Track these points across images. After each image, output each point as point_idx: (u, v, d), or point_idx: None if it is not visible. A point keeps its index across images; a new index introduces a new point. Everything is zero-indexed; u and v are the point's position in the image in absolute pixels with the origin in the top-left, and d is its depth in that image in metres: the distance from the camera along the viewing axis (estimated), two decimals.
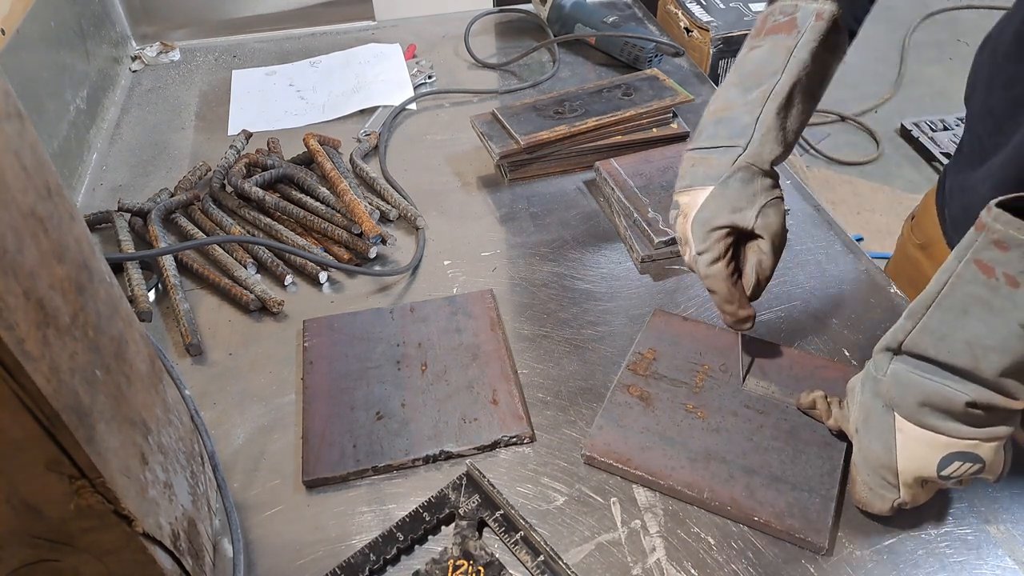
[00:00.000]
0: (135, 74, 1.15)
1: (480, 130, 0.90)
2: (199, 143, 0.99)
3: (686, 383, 0.63)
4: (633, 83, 0.95)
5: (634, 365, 0.65)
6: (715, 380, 0.63)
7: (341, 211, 0.81)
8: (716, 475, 0.57)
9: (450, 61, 1.16)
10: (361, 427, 0.61)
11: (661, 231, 0.77)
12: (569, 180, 0.90)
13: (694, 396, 0.62)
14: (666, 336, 0.67)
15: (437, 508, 0.56)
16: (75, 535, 0.39)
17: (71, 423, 0.34)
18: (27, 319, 0.31)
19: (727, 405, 0.61)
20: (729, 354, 0.65)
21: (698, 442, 0.59)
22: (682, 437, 0.59)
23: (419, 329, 0.69)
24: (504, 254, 0.80)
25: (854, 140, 2.34)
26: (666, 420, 0.61)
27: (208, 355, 0.70)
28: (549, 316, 0.72)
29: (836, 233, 0.80)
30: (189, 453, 0.52)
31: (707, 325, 0.68)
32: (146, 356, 0.46)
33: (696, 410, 0.61)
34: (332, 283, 0.77)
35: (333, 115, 1.04)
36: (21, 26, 0.86)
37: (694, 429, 0.60)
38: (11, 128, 0.34)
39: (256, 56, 1.19)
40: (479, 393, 0.64)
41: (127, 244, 0.79)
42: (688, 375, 0.64)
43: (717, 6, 1.23)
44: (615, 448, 0.59)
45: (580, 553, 0.54)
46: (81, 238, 0.39)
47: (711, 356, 0.65)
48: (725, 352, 0.65)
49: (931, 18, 2.94)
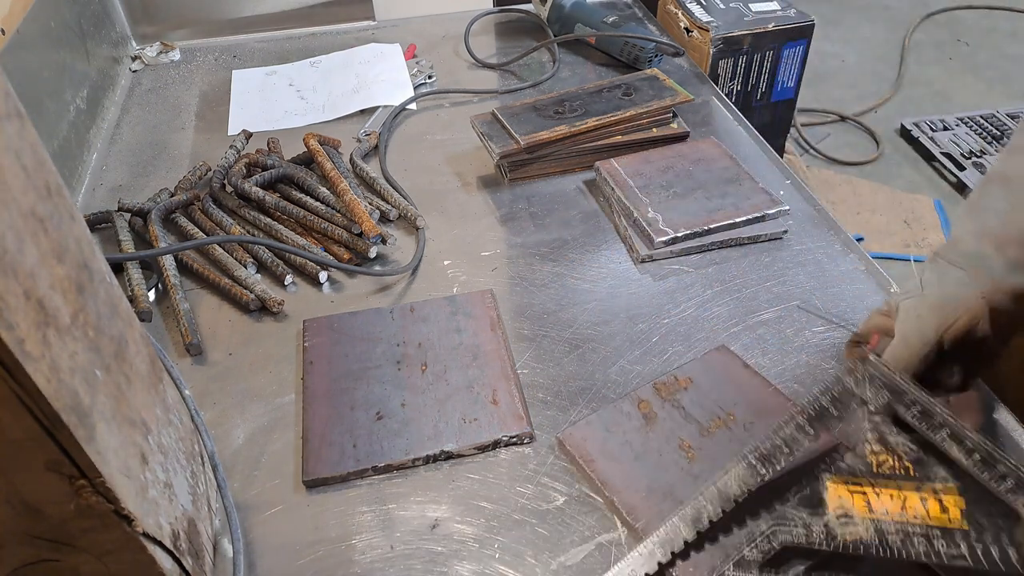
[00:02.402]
0: (135, 74, 1.15)
1: (480, 130, 0.90)
2: (199, 143, 0.99)
3: (699, 422, 0.60)
4: (633, 83, 0.95)
5: (660, 386, 0.63)
6: (730, 434, 0.59)
7: (341, 211, 0.81)
8: (662, 513, 0.53)
9: (450, 61, 1.16)
10: (361, 427, 0.61)
11: (661, 231, 0.77)
12: (569, 180, 0.90)
13: (698, 437, 0.59)
14: (714, 373, 0.63)
15: (841, 402, 0.51)
16: (75, 535, 0.39)
17: (71, 423, 0.34)
18: (27, 319, 0.31)
19: (723, 461, 0.54)
20: (765, 417, 0.59)
21: (668, 478, 0.56)
22: (656, 466, 0.57)
23: (419, 329, 0.69)
24: (504, 254, 0.80)
25: (854, 140, 2.34)
26: (653, 445, 0.58)
27: (208, 355, 0.70)
28: (549, 316, 0.72)
29: (836, 233, 0.80)
30: (189, 453, 0.52)
31: (764, 380, 0.63)
32: (146, 356, 0.46)
33: (689, 451, 0.58)
34: (332, 283, 0.77)
35: (333, 115, 1.04)
36: (21, 26, 0.86)
37: (674, 466, 0.57)
38: (11, 128, 0.34)
39: (256, 56, 1.19)
40: (479, 393, 0.64)
41: (127, 244, 0.79)
42: (707, 417, 0.60)
43: (717, 6, 1.23)
44: (586, 446, 0.59)
45: (580, 553, 0.54)
46: (81, 238, 0.39)
47: (744, 410, 0.61)
48: (762, 414, 0.60)
49: (931, 18, 2.94)
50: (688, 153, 0.87)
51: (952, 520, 0.46)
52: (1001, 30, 2.87)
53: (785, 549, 0.47)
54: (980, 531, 0.45)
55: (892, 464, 0.49)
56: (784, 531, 0.48)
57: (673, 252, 0.77)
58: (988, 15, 2.98)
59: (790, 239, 0.79)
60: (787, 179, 0.87)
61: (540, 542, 0.54)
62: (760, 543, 0.48)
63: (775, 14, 1.23)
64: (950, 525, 0.46)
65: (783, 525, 0.48)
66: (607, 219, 0.83)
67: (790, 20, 1.22)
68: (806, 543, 0.47)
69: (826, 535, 0.47)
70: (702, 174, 0.84)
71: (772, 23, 1.20)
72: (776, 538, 0.48)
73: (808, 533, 0.47)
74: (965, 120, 2.30)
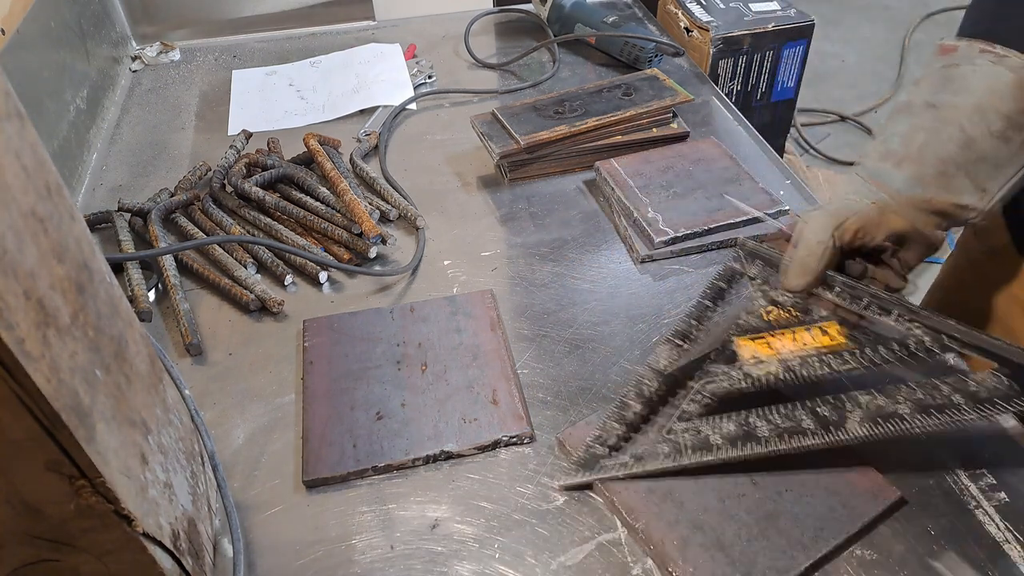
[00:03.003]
0: (135, 74, 1.15)
1: (480, 130, 0.90)
2: (199, 143, 0.99)
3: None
4: (633, 83, 0.95)
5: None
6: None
7: (341, 211, 0.81)
8: (662, 514, 0.53)
9: (450, 61, 1.16)
10: (361, 427, 0.61)
11: (661, 231, 0.77)
12: (569, 180, 0.90)
13: None
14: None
15: (728, 279, 0.64)
16: (75, 535, 0.39)
17: (71, 423, 0.34)
18: (27, 319, 0.31)
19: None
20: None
21: (669, 478, 0.55)
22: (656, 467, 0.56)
23: (419, 329, 0.69)
24: (504, 254, 0.80)
25: (854, 140, 2.34)
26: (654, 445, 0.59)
27: (208, 355, 0.70)
28: (549, 316, 0.72)
29: None
30: (189, 453, 0.52)
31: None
32: (146, 356, 0.46)
33: None
34: (332, 283, 0.77)
35: (333, 115, 1.04)
36: (21, 26, 0.86)
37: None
38: (11, 128, 0.34)
39: (256, 56, 1.19)
40: (479, 393, 0.64)
41: (127, 244, 0.79)
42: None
43: (717, 6, 1.23)
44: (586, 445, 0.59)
45: (580, 553, 0.54)
46: (81, 238, 0.39)
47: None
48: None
49: (931, 18, 2.94)
50: (688, 153, 0.87)
51: (837, 342, 0.56)
52: None
53: (715, 397, 0.57)
54: (860, 345, 0.55)
55: (781, 315, 0.59)
56: (712, 384, 0.57)
57: (673, 252, 0.77)
58: None
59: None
60: (787, 179, 0.87)
61: (540, 542, 0.54)
62: (695, 397, 0.57)
63: (775, 14, 1.23)
64: (837, 347, 0.56)
65: (710, 380, 0.57)
66: (607, 219, 0.83)
67: (790, 20, 1.22)
68: (730, 387, 0.56)
69: (744, 377, 0.56)
70: (702, 174, 0.84)
71: (772, 23, 1.20)
72: (706, 389, 0.57)
73: (731, 379, 0.57)
74: None
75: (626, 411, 0.59)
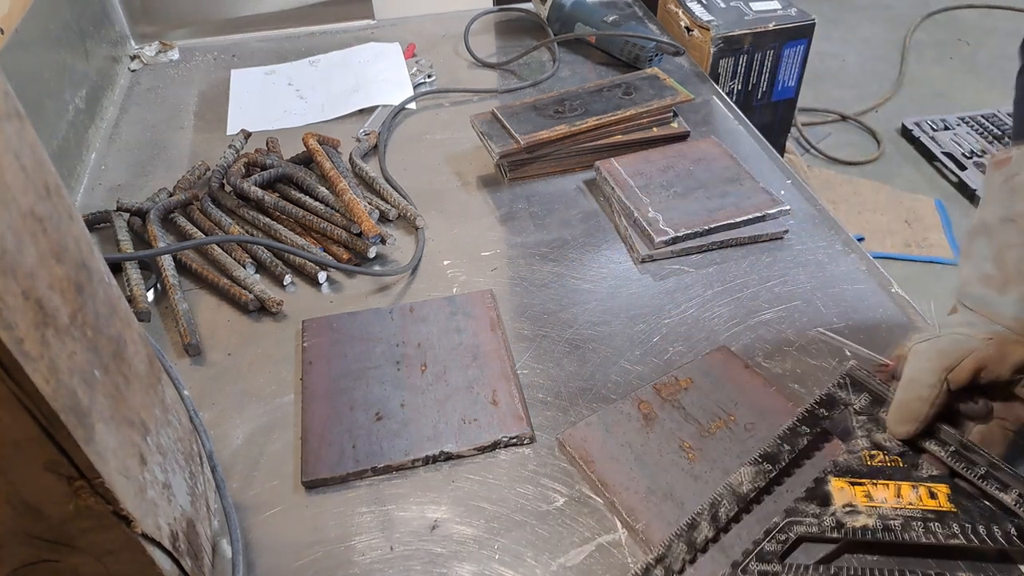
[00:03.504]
0: (134, 73, 1.15)
1: (480, 129, 0.90)
2: (198, 143, 0.99)
3: (699, 423, 0.60)
4: (633, 82, 0.95)
5: (661, 386, 0.63)
6: (731, 434, 0.59)
7: (340, 211, 0.81)
8: (662, 514, 0.54)
9: (450, 60, 1.16)
10: (360, 427, 0.61)
11: (661, 231, 0.77)
12: (569, 180, 0.89)
13: (698, 438, 0.59)
14: (714, 374, 0.64)
15: (828, 405, 0.58)
16: (74, 535, 0.39)
17: (70, 423, 0.34)
18: (26, 319, 0.31)
19: (723, 461, 0.57)
20: (766, 418, 0.60)
21: (668, 478, 0.56)
22: (657, 467, 0.57)
23: (419, 329, 0.69)
24: (504, 254, 0.80)
25: (855, 140, 2.34)
26: (653, 446, 0.58)
27: (207, 355, 0.70)
28: (549, 316, 0.72)
29: (837, 233, 0.79)
30: (188, 453, 0.51)
31: (765, 381, 0.63)
32: (145, 356, 0.46)
33: (690, 451, 0.58)
34: (331, 283, 0.77)
35: (332, 115, 1.03)
36: (20, 26, 0.86)
37: (674, 466, 0.57)
38: (10, 128, 0.33)
39: (255, 56, 1.19)
40: (479, 393, 0.63)
41: (126, 244, 0.79)
42: (708, 418, 0.60)
43: (718, 5, 1.23)
44: (587, 446, 0.59)
45: (580, 554, 0.53)
46: (80, 238, 0.39)
47: (745, 411, 0.61)
48: (764, 414, 0.60)
49: (931, 18, 2.94)
50: (688, 153, 0.87)
51: (942, 505, 0.51)
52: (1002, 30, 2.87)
53: (800, 540, 0.51)
54: (968, 513, 0.50)
55: (883, 459, 0.54)
56: (798, 524, 0.51)
57: (673, 252, 0.77)
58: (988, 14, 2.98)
59: (791, 239, 0.79)
60: (788, 179, 0.87)
61: (540, 543, 0.54)
62: (777, 536, 0.51)
63: (776, 13, 1.22)
64: (941, 509, 0.51)
65: (797, 519, 0.52)
66: (607, 219, 0.83)
67: (791, 19, 1.22)
68: (819, 533, 0.51)
69: (836, 524, 0.51)
70: (703, 174, 0.84)
71: (773, 22, 1.20)
72: (791, 530, 0.51)
73: (820, 524, 0.51)
74: (966, 120, 2.30)
75: (696, 533, 0.52)
